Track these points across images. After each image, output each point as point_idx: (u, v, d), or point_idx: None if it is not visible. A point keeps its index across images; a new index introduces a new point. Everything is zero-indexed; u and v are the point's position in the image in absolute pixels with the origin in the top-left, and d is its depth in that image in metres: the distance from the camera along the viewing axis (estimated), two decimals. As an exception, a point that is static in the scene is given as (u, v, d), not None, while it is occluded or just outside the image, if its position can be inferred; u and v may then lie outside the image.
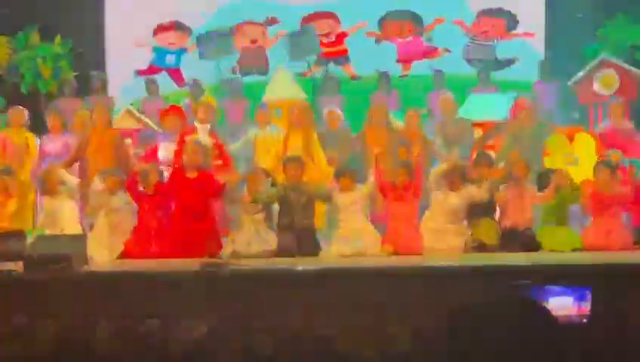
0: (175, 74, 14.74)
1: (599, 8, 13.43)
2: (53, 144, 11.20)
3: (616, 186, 9.53)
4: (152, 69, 14.73)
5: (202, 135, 10.49)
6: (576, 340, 4.20)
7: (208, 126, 10.79)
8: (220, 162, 10.16)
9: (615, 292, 6.66)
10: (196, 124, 10.80)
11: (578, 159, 10.67)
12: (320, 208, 10.05)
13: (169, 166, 10.29)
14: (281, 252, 9.27)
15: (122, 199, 9.68)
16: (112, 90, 14.02)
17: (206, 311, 6.59)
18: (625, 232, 9.42)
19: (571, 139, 10.87)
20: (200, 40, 14.11)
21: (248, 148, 11.55)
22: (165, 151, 10.66)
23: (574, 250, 9.19)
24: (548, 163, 10.58)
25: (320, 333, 5.21)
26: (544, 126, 11.15)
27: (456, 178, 9.55)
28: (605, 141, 10.89)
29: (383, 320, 5.56)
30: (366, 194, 9.57)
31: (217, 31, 14.05)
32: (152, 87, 13.51)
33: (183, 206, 9.47)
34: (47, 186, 9.89)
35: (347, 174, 9.63)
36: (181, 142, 10.27)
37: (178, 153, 10.20)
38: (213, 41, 13.88)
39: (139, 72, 14.59)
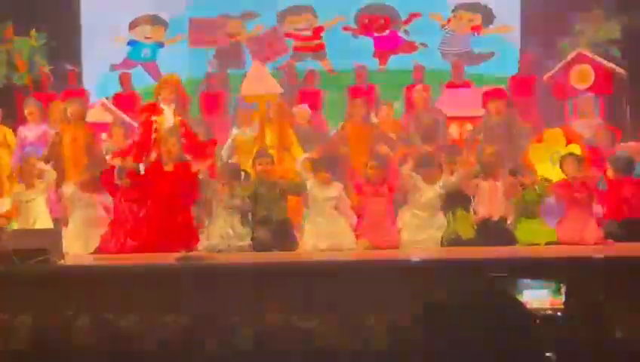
0: (151, 68, 14.69)
1: (575, 2, 13.48)
2: (32, 133, 11.21)
3: (582, 173, 9.59)
4: (127, 63, 14.69)
5: (168, 115, 10.38)
6: (550, 333, 4.23)
7: (173, 105, 10.68)
8: (183, 140, 9.93)
9: (589, 285, 6.71)
10: (162, 105, 10.64)
11: (560, 152, 10.70)
12: (298, 202, 10.06)
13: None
14: (257, 246, 9.27)
15: (95, 194, 9.68)
16: (88, 83, 13.98)
17: (182, 305, 6.59)
18: (596, 226, 9.47)
19: (541, 140, 10.92)
20: (192, 25, 13.91)
21: (231, 149, 11.54)
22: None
23: (548, 243, 9.24)
24: (541, 171, 10.50)
25: (297, 327, 5.22)
26: (516, 120, 11.23)
27: (428, 170, 9.60)
28: (573, 135, 10.96)
29: (359, 314, 5.58)
30: (343, 190, 9.61)
31: (208, 18, 13.94)
32: (125, 81, 13.43)
33: (160, 199, 9.44)
34: (24, 177, 9.88)
35: (325, 168, 9.64)
36: (146, 123, 10.10)
37: (143, 134, 10.05)
38: (204, 27, 13.74)
39: (114, 66, 14.54)
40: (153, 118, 10.02)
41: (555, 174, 9.97)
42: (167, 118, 10.11)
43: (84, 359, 5.20)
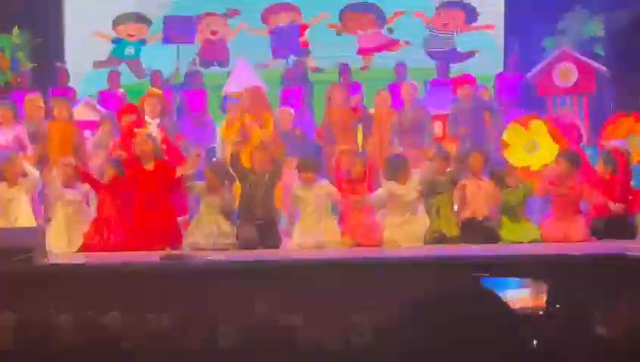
0: (135, 65, 14.66)
1: (559, 1, 13.52)
2: (4, 136, 11.04)
3: (574, 180, 9.61)
4: (111, 61, 14.64)
5: (153, 129, 10.40)
6: (534, 332, 4.24)
7: (158, 120, 10.70)
8: (166, 158, 9.96)
9: (573, 284, 6.72)
10: (147, 118, 10.68)
11: (538, 144, 10.74)
12: (283, 200, 10.08)
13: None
14: (242, 244, 9.26)
15: (77, 191, 9.66)
16: (72, 81, 13.92)
17: (167, 303, 6.58)
18: (583, 224, 9.50)
19: (527, 126, 10.96)
20: (166, 22, 13.91)
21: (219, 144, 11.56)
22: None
23: (532, 241, 9.27)
24: (508, 155, 10.65)
25: (283, 324, 5.22)
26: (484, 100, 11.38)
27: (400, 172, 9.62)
28: (558, 126, 11.02)
29: (344, 312, 5.58)
30: (328, 189, 9.60)
31: (182, 15, 13.92)
32: (113, 79, 13.39)
33: (142, 197, 9.43)
34: (7, 175, 9.81)
35: (310, 168, 9.64)
36: (127, 133, 10.15)
37: (123, 143, 10.10)
38: (177, 24, 13.72)
39: (96, 64, 14.49)
40: (136, 130, 10.07)
41: (531, 162, 10.01)
42: (152, 131, 10.16)
43: (68, 358, 5.18)
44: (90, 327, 5.35)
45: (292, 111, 11.88)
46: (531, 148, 10.55)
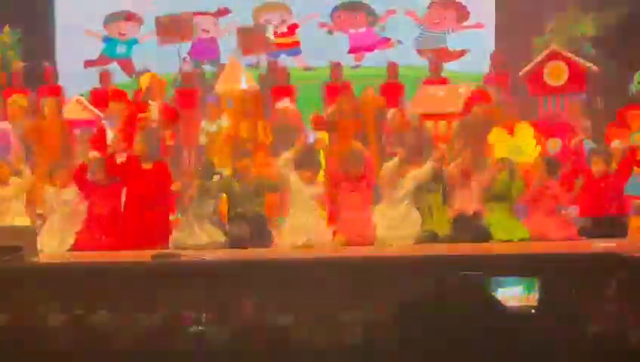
0: (126, 64, 14.64)
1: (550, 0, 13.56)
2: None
3: (551, 184, 9.65)
4: (102, 60, 14.62)
5: (154, 111, 10.41)
6: (525, 329, 4.25)
7: (159, 102, 10.71)
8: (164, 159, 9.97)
9: (563, 282, 6.74)
10: (149, 101, 10.68)
11: (520, 148, 10.78)
12: (275, 199, 10.07)
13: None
14: (232, 243, 9.26)
15: (73, 191, 9.64)
16: (62, 79, 13.90)
17: (158, 302, 6.57)
18: (564, 224, 9.54)
19: (512, 130, 10.99)
20: (160, 24, 13.85)
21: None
22: (112, 135, 10.58)
23: (521, 240, 9.29)
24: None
25: (273, 323, 5.23)
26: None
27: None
28: (544, 129, 11.03)
29: (334, 310, 5.59)
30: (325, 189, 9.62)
31: (178, 15, 13.86)
32: (104, 78, 13.36)
33: (137, 196, 9.42)
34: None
35: (309, 166, 9.64)
36: (131, 122, 10.15)
37: (127, 132, 10.09)
38: (174, 25, 13.66)
39: (88, 63, 14.48)
40: (139, 115, 10.09)
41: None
42: (153, 113, 10.16)
43: (59, 357, 5.18)
44: (80, 327, 5.35)
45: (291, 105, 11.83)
46: (514, 151, 10.56)
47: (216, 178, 9.69)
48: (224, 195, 9.63)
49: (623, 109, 11.56)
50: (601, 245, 8.62)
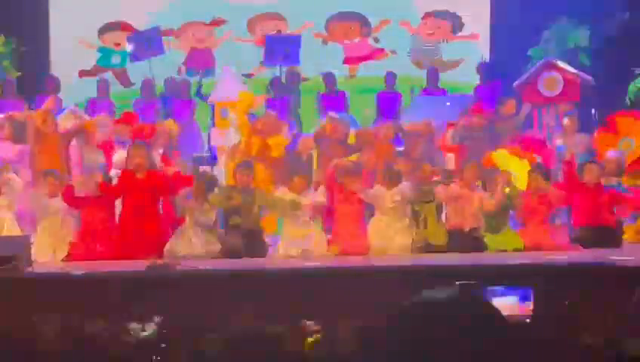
0: (121, 75, 14.64)
1: (544, 10, 13.58)
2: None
3: (548, 190, 9.66)
4: (96, 70, 14.61)
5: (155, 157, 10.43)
6: (519, 339, 4.25)
7: (160, 150, 10.74)
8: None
9: (557, 292, 6.75)
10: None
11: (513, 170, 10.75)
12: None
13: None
14: (228, 253, 9.24)
15: (62, 201, 9.63)
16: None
17: (154, 312, 6.56)
18: (557, 234, 9.56)
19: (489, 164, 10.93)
20: (130, 41, 13.80)
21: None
22: (119, 156, 10.57)
23: (515, 250, 9.29)
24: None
25: (268, 333, 5.22)
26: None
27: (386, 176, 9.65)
28: (524, 147, 11.00)
29: (329, 320, 5.59)
30: (319, 200, 9.59)
31: (145, 32, 13.76)
32: (102, 88, 13.34)
33: (132, 206, 9.39)
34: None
35: (301, 176, 9.64)
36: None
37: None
38: (142, 41, 13.55)
39: (81, 73, 14.45)
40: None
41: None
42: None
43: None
44: (75, 337, 5.33)
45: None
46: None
47: (216, 189, 9.69)
48: (222, 206, 9.60)
49: (613, 115, 11.60)
50: (595, 254, 8.64)
